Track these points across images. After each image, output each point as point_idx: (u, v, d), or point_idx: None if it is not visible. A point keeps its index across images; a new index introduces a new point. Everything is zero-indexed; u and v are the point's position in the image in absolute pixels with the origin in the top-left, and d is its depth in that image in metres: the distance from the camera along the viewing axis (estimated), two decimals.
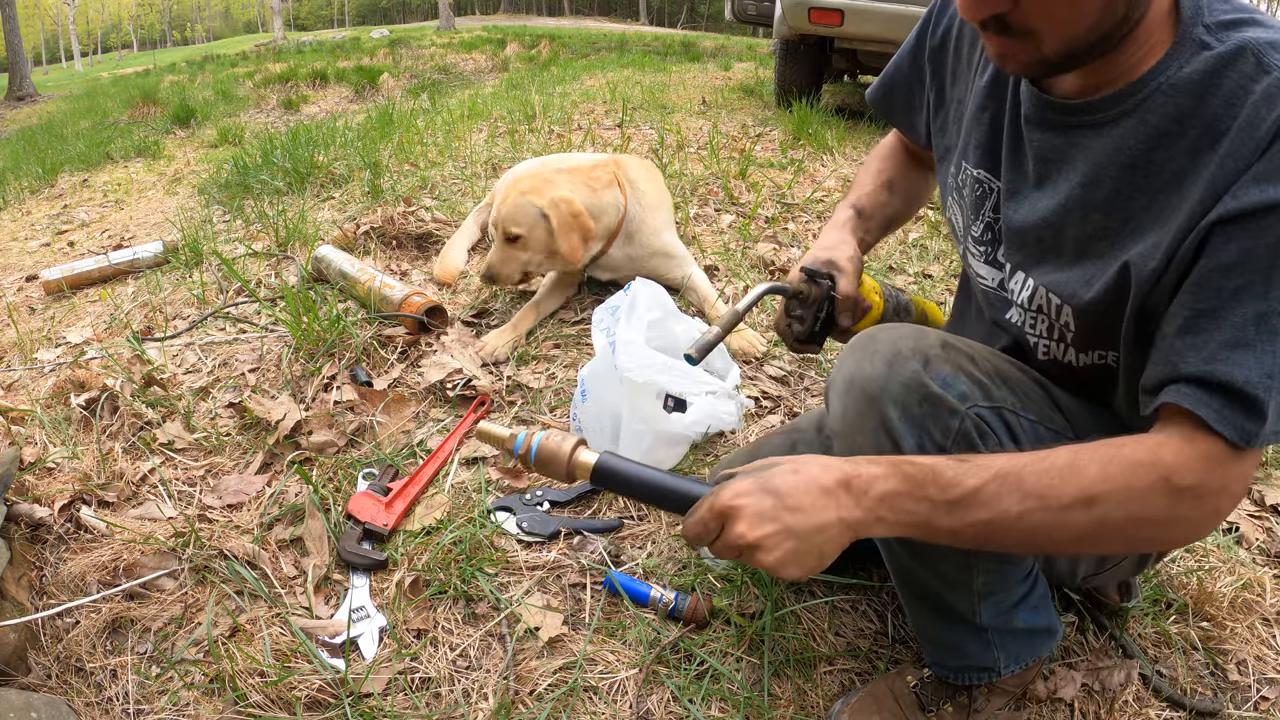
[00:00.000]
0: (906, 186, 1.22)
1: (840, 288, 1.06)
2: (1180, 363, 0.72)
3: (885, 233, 1.22)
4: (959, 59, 1.02)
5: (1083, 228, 0.83)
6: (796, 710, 1.08)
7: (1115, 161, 0.79)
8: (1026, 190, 0.90)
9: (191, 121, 6.09)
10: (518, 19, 41.72)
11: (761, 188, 3.08)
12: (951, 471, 0.73)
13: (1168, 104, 0.75)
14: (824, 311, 1.07)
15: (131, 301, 2.26)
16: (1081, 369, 0.92)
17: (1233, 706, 1.14)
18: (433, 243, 2.48)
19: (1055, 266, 0.87)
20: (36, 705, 0.96)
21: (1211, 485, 0.71)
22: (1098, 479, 0.71)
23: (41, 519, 1.31)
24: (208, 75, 11.34)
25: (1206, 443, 0.70)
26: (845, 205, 1.19)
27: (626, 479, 0.83)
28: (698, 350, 0.95)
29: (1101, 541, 0.75)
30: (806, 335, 1.09)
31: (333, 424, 1.56)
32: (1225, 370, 0.70)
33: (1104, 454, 0.72)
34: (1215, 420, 0.69)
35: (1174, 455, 0.71)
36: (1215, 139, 0.72)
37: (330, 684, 1.07)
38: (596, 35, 17.02)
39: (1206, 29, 0.74)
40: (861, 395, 0.85)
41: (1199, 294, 0.72)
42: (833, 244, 1.11)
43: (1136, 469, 0.71)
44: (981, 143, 0.95)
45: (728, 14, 7.07)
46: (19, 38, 15.88)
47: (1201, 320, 0.71)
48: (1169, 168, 0.75)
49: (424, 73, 9.60)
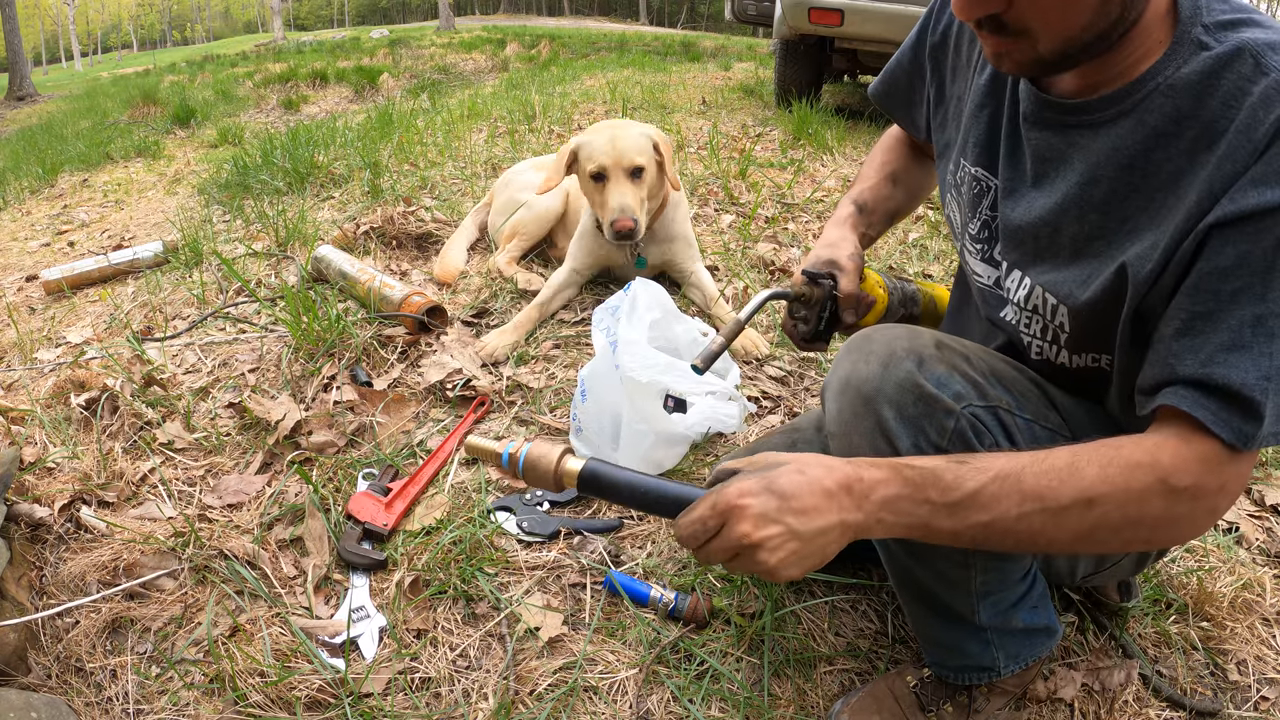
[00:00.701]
0: (909, 179, 1.22)
1: (842, 286, 1.07)
2: (1178, 365, 0.72)
3: (889, 225, 1.23)
4: (959, 56, 1.02)
5: (1080, 227, 0.83)
6: (796, 710, 1.08)
7: (1113, 161, 0.79)
8: (1024, 189, 0.90)
9: (191, 121, 6.09)
10: (518, 19, 41.74)
11: (761, 188, 3.08)
12: (951, 474, 0.73)
13: (1166, 104, 0.75)
14: (828, 311, 1.08)
15: (131, 301, 2.26)
16: (1075, 370, 0.92)
17: (1233, 706, 1.14)
18: (433, 243, 2.49)
19: (1052, 266, 0.88)
20: (36, 705, 0.96)
21: (1209, 486, 0.71)
22: (1096, 481, 0.71)
23: (41, 519, 1.31)
24: (208, 75, 11.34)
25: (1204, 444, 0.71)
26: (847, 201, 1.19)
27: (613, 484, 0.82)
28: (703, 360, 0.96)
29: (1099, 541, 0.76)
30: (812, 334, 1.10)
31: (333, 424, 1.56)
32: (1223, 372, 0.70)
33: (1102, 455, 0.72)
34: (1213, 423, 0.70)
35: (1171, 456, 0.71)
36: (1213, 140, 0.72)
37: (330, 684, 1.07)
38: (596, 35, 17.02)
39: (1205, 29, 0.74)
40: (857, 396, 0.85)
41: (1196, 296, 0.72)
42: (834, 241, 1.12)
43: (1135, 470, 0.71)
44: (980, 140, 0.96)
45: (728, 14, 7.07)
46: (19, 38, 15.88)
47: (1199, 322, 0.72)
48: (1166, 168, 0.75)
49: (424, 73, 9.60)
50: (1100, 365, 0.89)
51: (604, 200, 1.90)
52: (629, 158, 1.88)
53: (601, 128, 1.95)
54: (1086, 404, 0.94)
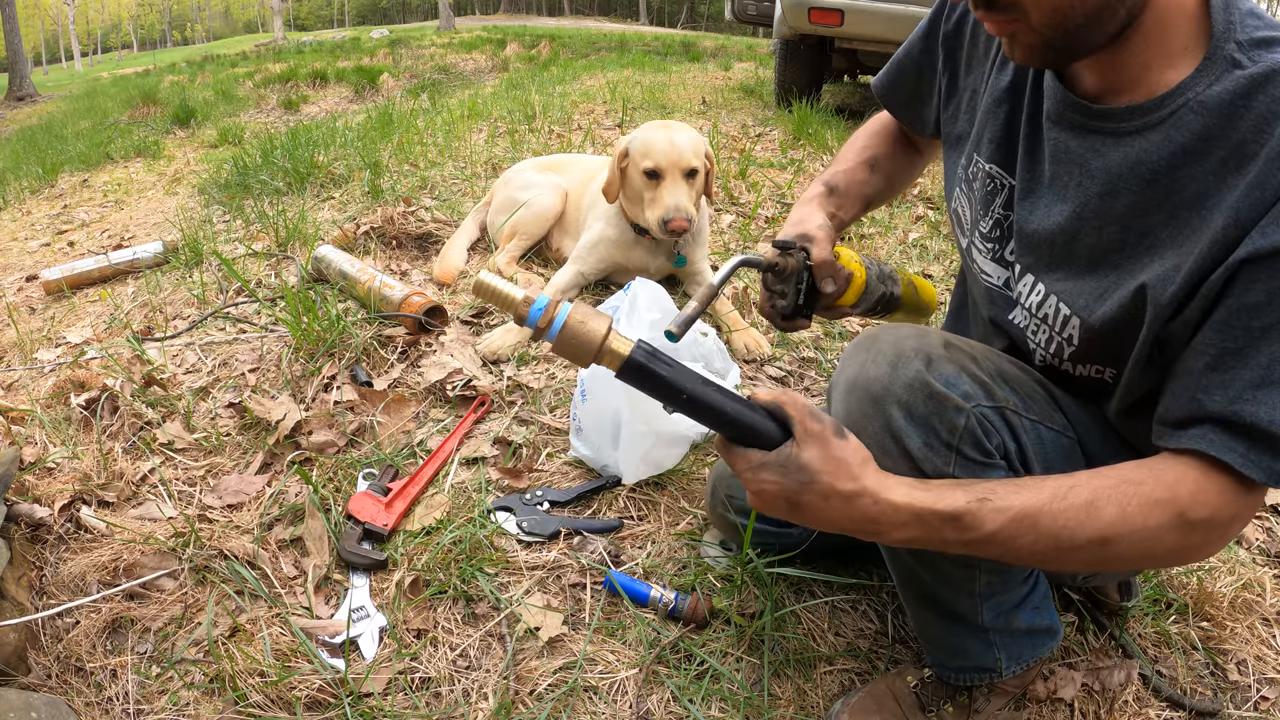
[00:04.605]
0: (890, 166, 1.20)
1: (814, 255, 1.02)
2: (1206, 400, 0.72)
3: (863, 211, 1.19)
4: (975, 46, 1.01)
5: (1098, 238, 0.83)
6: (796, 710, 1.08)
7: (1136, 174, 0.78)
8: (1041, 190, 0.89)
9: (191, 121, 6.09)
10: (518, 19, 41.72)
11: (761, 188, 3.08)
12: (970, 517, 0.75)
13: (1195, 122, 0.74)
14: (804, 283, 1.04)
15: (131, 301, 2.26)
16: (1077, 377, 0.92)
17: (1233, 706, 1.14)
18: (433, 243, 2.49)
19: (1067, 274, 0.87)
20: (36, 705, 0.96)
21: (1223, 517, 0.72)
22: (1115, 521, 0.72)
23: (41, 519, 1.31)
24: (208, 75, 11.34)
25: (1225, 479, 0.71)
26: (818, 182, 1.17)
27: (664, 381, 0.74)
28: (678, 325, 0.92)
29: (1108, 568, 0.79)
30: (791, 310, 1.06)
31: (333, 424, 1.56)
32: (1251, 410, 0.69)
33: (1123, 494, 0.73)
34: (1242, 465, 0.70)
35: (1190, 491, 0.72)
36: (1242, 163, 0.71)
37: (330, 684, 1.07)
38: (596, 35, 17.01)
39: (1238, 46, 0.73)
40: (865, 396, 0.85)
41: (1225, 332, 0.71)
42: (800, 218, 1.08)
43: (1154, 509, 0.72)
44: (996, 137, 0.95)
45: (728, 14, 7.07)
46: (19, 38, 15.89)
47: (1228, 359, 0.71)
48: (1191, 187, 0.74)
49: (424, 73, 9.59)
50: (1104, 378, 0.89)
51: (657, 197, 1.91)
52: (686, 159, 1.89)
53: (655, 126, 1.97)
54: (1091, 408, 0.94)
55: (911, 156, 1.23)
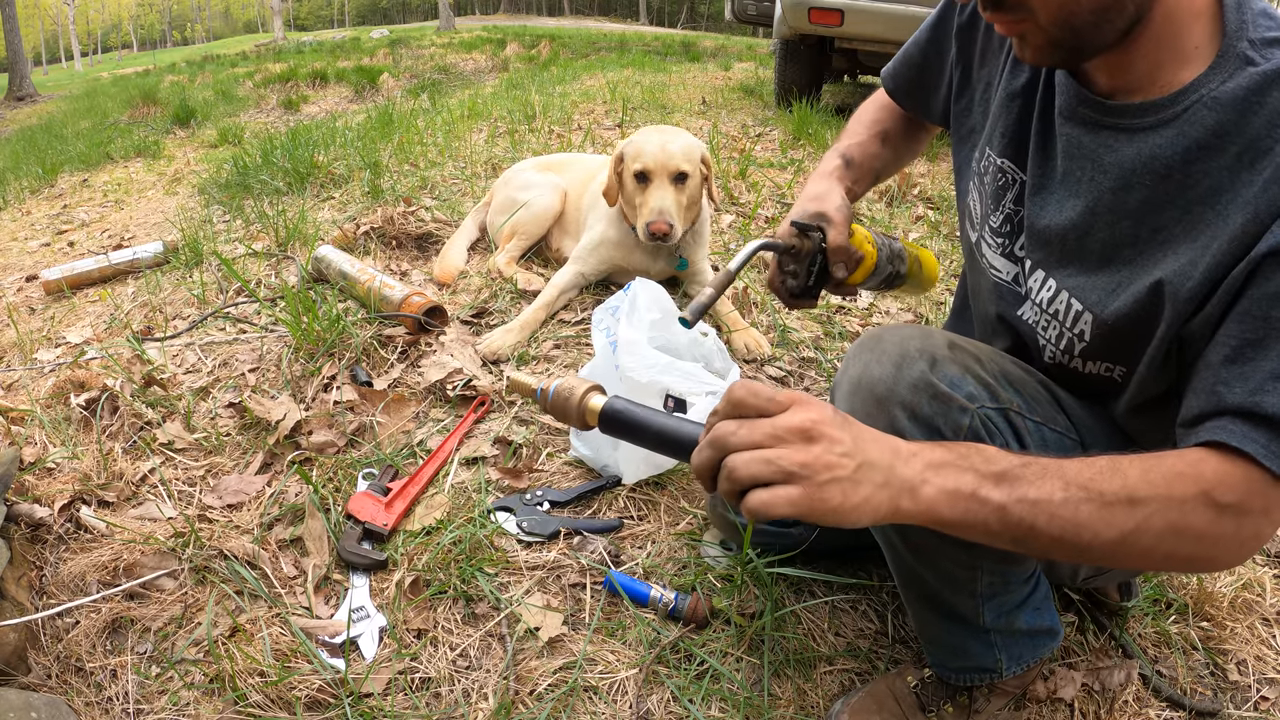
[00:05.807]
0: (899, 141, 1.21)
1: (830, 239, 1.02)
2: (1226, 392, 0.71)
3: (873, 184, 1.19)
4: (989, 39, 1.01)
5: (1111, 233, 0.83)
6: (796, 710, 1.08)
7: (1150, 169, 0.78)
8: (1053, 186, 0.89)
9: (191, 121, 6.09)
10: (518, 19, 41.73)
11: (761, 188, 3.08)
12: (992, 450, 0.71)
13: (1209, 117, 0.74)
14: (817, 265, 1.03)
15: (131, 301, 2.26)
16: (1085, 375, 0.92)
17: (1233, 706, 1.14)
18: (433, 243, 2.49)
19: (1079, 270, 0.87)
20: (36, 705, 0.96)
21: (1253, 505, 0.69)
22: (1139, 481, 0.69)
23: (41, 519, 1.31)
24: (208, 75, 11.34)
25: (1248, 467, 0.69)
26: (834, 153, 1.16)
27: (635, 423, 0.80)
28: (692, 313, 0.92)
29: (1143, 550, 0.70)
30: (801, 290, 1.05)
31: (333, 424, 1.56)
32: (1272, 401, 0.68)
33: (1144, 462, 0.70)
34: (1264, 455, 0.68)
35: (1214, 472, 0.69)
36: (1256, 158, 0.71)
37: (330, 684, 1.07)
38: (596, 35, 17.01)
39: (1252, 44, 0.73)
40: (869, 396, 0.85)
41: (1246, 323, 0.71)
42: (820, 194, 1.07)
43: (1177, 479, 0.69)
44: (1008, 132, 0.95)
45: (728, 14, 7.07)
46: (19, 38, 15.89)
47: (1248, 350, 0.70)
48: (1205, 182, 0.75)
49: (424, 73, 9.59)
50: (1113, 376, 0.89)
51: (644, 200, 1.91)
52: (675, 162, 1.89)
53: (651, 131, 1.97)
54: (1095, 410, 0.94)
55: (916, 132, 1.23)
